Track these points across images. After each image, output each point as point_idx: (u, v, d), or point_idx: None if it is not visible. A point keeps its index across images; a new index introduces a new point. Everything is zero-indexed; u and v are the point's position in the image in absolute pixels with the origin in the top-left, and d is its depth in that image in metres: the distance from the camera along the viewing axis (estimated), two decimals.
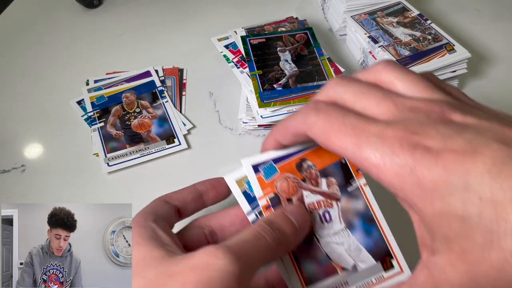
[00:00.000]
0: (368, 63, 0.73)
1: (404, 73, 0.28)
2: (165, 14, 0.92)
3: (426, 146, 0.23)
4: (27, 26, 0.90)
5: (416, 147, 0.23)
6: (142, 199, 0.59)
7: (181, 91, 0.72)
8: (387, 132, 0.25)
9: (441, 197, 0.23)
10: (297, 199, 0.36)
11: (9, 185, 0.61)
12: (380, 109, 0.26)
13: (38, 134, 0.68)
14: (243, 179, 0.37)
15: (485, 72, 0.76)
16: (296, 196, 0.36)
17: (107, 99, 0.70)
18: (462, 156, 0.22)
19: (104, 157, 0.62)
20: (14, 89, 0.76)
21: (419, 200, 0.25)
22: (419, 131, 0.24)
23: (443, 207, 0.23)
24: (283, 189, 0.36)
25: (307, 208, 0.36)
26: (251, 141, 0.66)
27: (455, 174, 0.22)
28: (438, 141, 0.23)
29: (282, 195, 0.36)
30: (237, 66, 0.70)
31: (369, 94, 0.27)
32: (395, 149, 0.24)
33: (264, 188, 0.36)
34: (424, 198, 0.24)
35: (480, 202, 0.21)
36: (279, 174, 0.37)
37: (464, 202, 0.22)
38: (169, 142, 0.64)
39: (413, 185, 0.24)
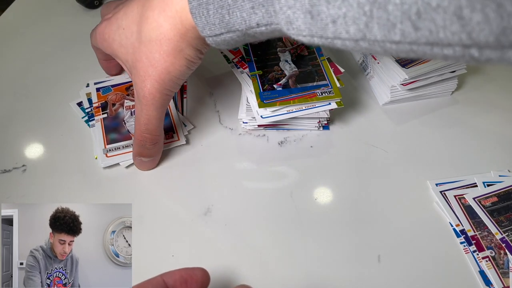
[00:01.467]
0: (368, 63, 0.73)
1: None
2: None
3: (108, 18, 0.52)
4: (27, 26, 0.90)
5: (111, 20, 0.51)
6: (142, 200, 0.59)
7: (182, 93, 0.72)
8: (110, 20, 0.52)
9: (114, 41, 0.50)
10: (119, 104, 0.67)
11: (9, 185, 0.61)
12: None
13: (38, 134, 0.68)
14: (89, 94, 0.70)
15: (484, 72, 0.76)
16: (119, 102, 0.68)
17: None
18: (118, 15, 0.50)
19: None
20: (14, 89, 0.76)
21: (118, 52, 0.51)
22: (110, 16, 0.52)
23: (117, 45, 0.50)
24: (111, 98, 0.68)
25: (124, 107, 0.67)
26: (251, 141, 0.66)
27: (115, 24, 0.50)
28: (111, 15, 0.52)
29: (109, 102, 0.68)
30: (237, 66, 0.70)
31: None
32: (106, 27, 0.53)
33: (99, 99, 0.68)
34: (116, 48, 0.51)
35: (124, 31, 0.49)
36: (112, 92, 0.69)
37: (120, 35, 0.49)
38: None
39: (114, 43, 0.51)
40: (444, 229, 0.55)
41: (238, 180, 0.61)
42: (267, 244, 0.54)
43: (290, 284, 0.51)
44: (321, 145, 0.65)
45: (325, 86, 0.63)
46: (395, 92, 0.68)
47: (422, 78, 0.66)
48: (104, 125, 0.66)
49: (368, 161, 0.63)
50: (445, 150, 0.64)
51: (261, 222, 0.56)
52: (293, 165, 0.62)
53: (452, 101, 0.71)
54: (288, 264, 0.52)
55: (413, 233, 0.55)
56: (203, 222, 0.56)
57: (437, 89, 0.70)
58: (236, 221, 0.56)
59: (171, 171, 0.62)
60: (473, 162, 0.63)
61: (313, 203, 0.58)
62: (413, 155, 0.63)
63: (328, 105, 0.62)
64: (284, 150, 0.65)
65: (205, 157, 0.64)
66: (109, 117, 0.68)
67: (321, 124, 0.66)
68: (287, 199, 0.58)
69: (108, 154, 0.63)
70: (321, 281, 0.51)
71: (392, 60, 0.66)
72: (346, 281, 0.51)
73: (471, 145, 0.65)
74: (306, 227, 0.56)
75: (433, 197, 0.59)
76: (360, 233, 0.55)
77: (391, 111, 0.70)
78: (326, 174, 0.62)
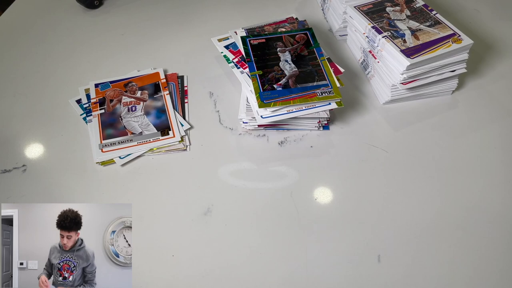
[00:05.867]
0: (369, 62, 0.73)
1: None
2: (166, 15, 0.92)
3: None
4: (27, 27, 0.90)
5: None
6: (142, 200, 0.59)
7: (183, 98, 0.72)
8: None
9: None
10: (117, 100, 0.69)
11: (10, 184, 0.61)
12: None
13: (39, 134, 0.68)
14: (87, 90, 0.72)
15: (484, 71, 0.76)
16: (116, 98, 0.69)
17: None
18: None
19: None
20: (15, 89, 0.76)
21: None
22: None
23: None
24: (109, 94, 0.70)
25: (122, 103, 0.69)
26: (251, 141, 0.66)
27: None
28: None
29: (107, 98, 0.70)
30: (237, 66, 0.70)
31: None
32: None
33: (97, 95, 0.70)
34: None
35: None
36: (110, 88, 0.71)
37: None
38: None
39: None
40: (444, 229, 0.55)
41: (238, 180, 0.61)
42: (267, 244, 0.54)
43: (290, 284, 0.51)
44: (321, 145, 0.65)
45: (325, 86, 0.63)
46: (396, 91, 0.68)
47: (422, 77, 0.66)
48: (101, 120, 0.67)
49: (368, 161, 0.63)
50: (445, 150, 0.64)
51: (261, 222, 0.56)
52: (293, 165, 0.62)
53: (452, 101, 0.71)
54: (288, 264, 0.52)
55: (413, 233, 0.55)
56: (203, 222, 0.56)
57: (437, 89, 0.70)
58: (236, 221, 0.56)
59: (171, 171, 0.62)
60: (473, 162, 0.63)
61: (313, 203, 0.58)
62: (414, 155, 0.63)
63: (328, 105, 0.62)
64: (284, 150, 0.65)
65: (205, 157, 0.64)
66: (106, 112, 0.69)
67: (321, 124, 0.66)
68: (287, 199, 0.58)
69: (104, 149, 0.64)
70: (321, 281, 0.51)
71: (397, 50, 0.65)
72: (346, 281, 0.51)
73: (471, 145, 0.65)
74: (306, 227, 0.56)
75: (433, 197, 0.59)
76: (360, 233, 0.55)
77: (391, 110, 0.70)
78: (326, 174, 0.62)
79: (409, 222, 0.56)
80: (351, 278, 0.51)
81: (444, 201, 0.58)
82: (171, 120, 0.67)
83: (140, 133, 0.65)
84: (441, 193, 0.59)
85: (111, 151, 0.63)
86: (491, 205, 0.57)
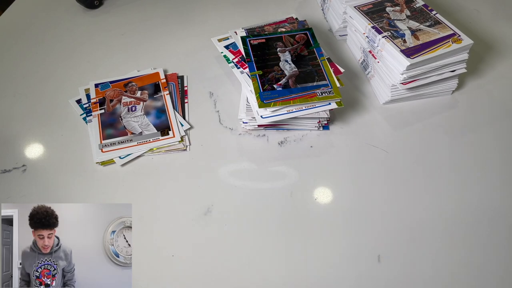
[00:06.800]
0: (369, 62, 0.73)
1: None
2: (166, 15, 0.92)
3: None
4: (27, 27, 0.90)
5: None
6: (143, 200, 0.59)
7: (183, 98, 0.72)
8: None
9: None
10: (117, 100, 0.69)
11: (10, 184, 0.61)
12: None
13: (38, 134, 0.68)
14: (87, 90, 0.72)
15: (484, 71, 0.76)
16: (116, 98, 0.69)
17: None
18: None
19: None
20: (15, 89, 0.76)
21: None
22: None
23: None
24: (109, 94, 0.69)
25: (122, 103, 0.68)
26: (251, 141, 0.66)
27: None
28: None
29: (107, 98, 0.69)
30: (237, 66, 0.70)
31: None
32: None
33: (97, 95, 0.70)
34: None
35: None
36: (110, 88, 0.70)
37: None
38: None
39: None
40: (444, 229, 0.55)
41: (238, 180, 0.61)
42: (267, 244, 0.54)
43: (290, 284, 0.51)
44: (321, 145, 0.65)
45: (325, 86, 0.63)
46: (396, 91, 0.68)
47: (422, 77, 0.66)
48: (101, 120, 0.67)
49: (368, 161, 0.63)
50: (445, 150, 0.64)
51: (261, 222, 0.56)
52: (293, 165, 0.62)
53: (452, 101, 0.71)
54: (288, 264, 0.52)
55: (413, 233, 0.55)
56: (203, 222, 0.56)
57: (437, 89, 0.70)
58: (236, 221, 0.56)
59: (171, 171, 0.62)
60: (473, 162, 0.63)
61: (313, 203, 0.58)
62: (414, 155, 0.63)
63: (328, 105, 0.62)
64: (284, 150, 0.65)
65: (205, 157, 0.64)
66: (106, 112, 0.69)
67: (321, 124, 0.66)
68: (287, 199, 0.58)
69: (104, 150, 0.63)
70: (321, 281, 0.51)
71: (397, 50, 0.65)
72: (346, 281, 0.51)
73: (471, 145, 0.65)
74: (306, 227, 0.56)
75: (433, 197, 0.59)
76: (360, 233, 0.55)
77: (391, 110, 0.70)
78: (326, 174, 0.62)
79: (409, 222, 0.56)
80: (351, 278, 0.51)
81: (444, 201, 0.58)
82: (171, 120, 0.67)
83: (140, 133, 0.65)
84: (441, 193, 0.59)
85: (111, 151, 0.63)
86: (491, 205, 0.57)
